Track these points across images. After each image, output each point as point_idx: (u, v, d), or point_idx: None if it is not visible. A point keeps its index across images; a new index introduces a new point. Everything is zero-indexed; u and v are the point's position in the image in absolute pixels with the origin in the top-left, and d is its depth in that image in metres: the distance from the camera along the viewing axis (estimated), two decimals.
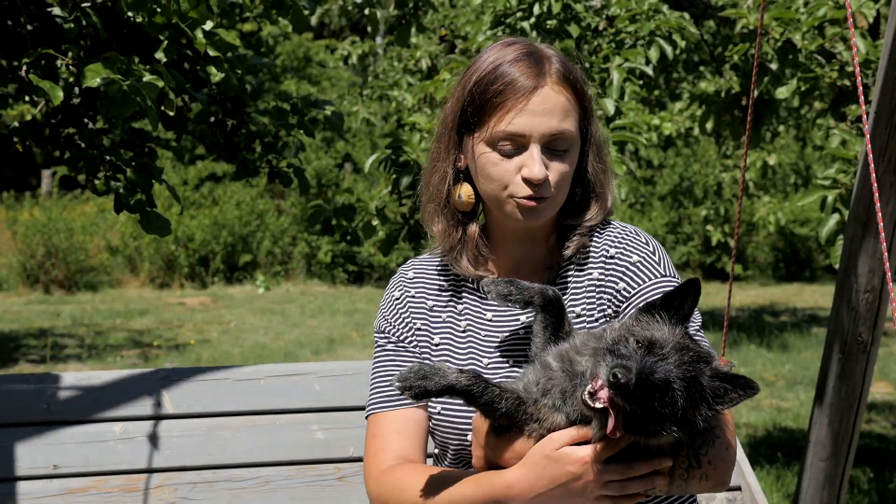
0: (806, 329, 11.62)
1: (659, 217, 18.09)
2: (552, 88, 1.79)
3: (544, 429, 1.65)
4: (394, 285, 2.00)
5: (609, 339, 1.59)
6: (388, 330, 1.95)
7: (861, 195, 3.00)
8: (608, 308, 1.86)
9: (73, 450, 2.33)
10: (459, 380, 1.61)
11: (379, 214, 4.37)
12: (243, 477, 2.39)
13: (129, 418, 2.38)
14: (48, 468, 2.31)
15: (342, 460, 2.44)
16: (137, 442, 2.36)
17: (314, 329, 11.52)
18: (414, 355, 1.92)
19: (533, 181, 1.77)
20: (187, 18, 3.04)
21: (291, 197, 18.11)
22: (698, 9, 6.12)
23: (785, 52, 4.54)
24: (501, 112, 1.77)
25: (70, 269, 15.26)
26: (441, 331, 1.93)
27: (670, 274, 1.86)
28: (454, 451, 1.88)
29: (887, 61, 2.80)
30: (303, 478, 2.41)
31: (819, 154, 14.64)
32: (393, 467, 1.82)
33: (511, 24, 4.74)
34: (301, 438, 2.43)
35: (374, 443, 1.87)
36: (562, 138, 1.80)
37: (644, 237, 1.90)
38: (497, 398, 1.64)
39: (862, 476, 5.82)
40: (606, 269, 1.87)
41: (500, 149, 1.79)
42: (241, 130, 4.03)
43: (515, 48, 1.83)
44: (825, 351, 3.22)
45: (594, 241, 1.90)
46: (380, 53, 16.34)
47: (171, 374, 2.45)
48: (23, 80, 3.17)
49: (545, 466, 1.62)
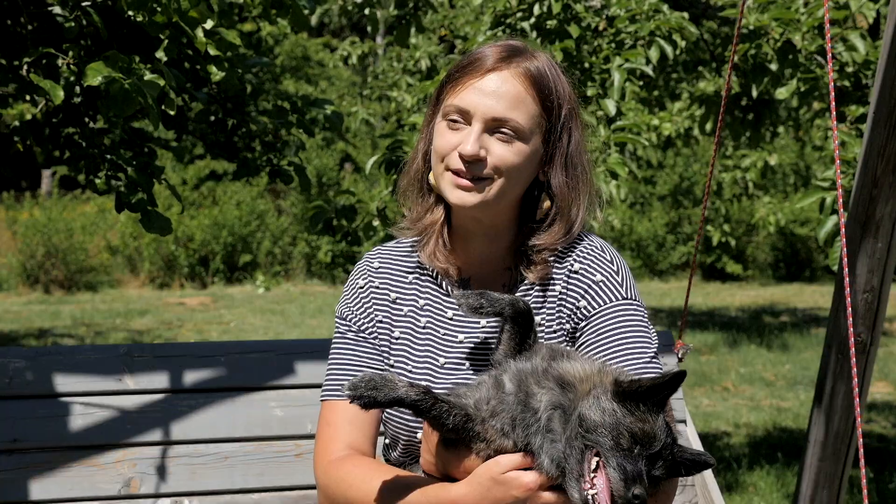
0: (806, 329, 11.62)
1: (659, 217, 18.09)
2: (511, 74, 1.80)
3: (491, 450, 1.66)
4: (359, 273, 2.00)
5: (596, 419, 1.56)
6: (350, 318, 1.96)
7: (860, 195, 3.00)
8: (567, 322, 1.87)
9: (34, 424, 2.35)
10: (409, 394, 1.63)
11: (379, 215, 4.37)
12: (202, 452, 2.41)
13: (90, 393, 2.40)
14: (8, 442, 2.33)
15: (300, 437, 2.47)
16: (98, 417, 2.38)
17: (314, 329, 11.52)
18: (373, 346, 1.93)
19: (463, 156, 1.79)
20: (188, 17, 3.04)
21: (291, 197, 18.10)
22: (698, 9, 6.12)
23: (785, 53, 4.54)
24: (459, 86, 1.81)
25: (70, 269, 15.26)
26: (401, 324, 1.94)
27: (632, 296, 1.86)
28: (404, 444, 1.91)
29: (887, 61, 2.80)
30: (261, 454, 2.44)
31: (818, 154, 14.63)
32: (342, 459, 1.85)
33: (511, 25, 4.74)
34: (260, 415, 2.46)
35: (327, 430, 1.90)
36: (507, 126, 1.80)
37: (610, 255, 1.89)
38: (445, 414, 1.65)
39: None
40: (569, 283, 1.87)
41: (448, 121, 1.82)
42: (241, 130, 4.03)
43: (508, 40, 1.87)
44: (825, 351, 3.23)
45: (560, 254, 1.90)
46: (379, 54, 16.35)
47: (132, 350, 2.47)
48: (23, 80, 3.17)
49: (490, 488, 1.64)
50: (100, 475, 2.34)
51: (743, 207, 16.86)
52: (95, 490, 2.33)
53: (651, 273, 17.90)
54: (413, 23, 5.69)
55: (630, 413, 1.57)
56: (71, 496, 2.32)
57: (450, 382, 1.87)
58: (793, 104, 4.68)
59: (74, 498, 2.33)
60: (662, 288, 16.22)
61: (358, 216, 4.37)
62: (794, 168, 17.44)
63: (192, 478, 2.38)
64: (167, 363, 2.47)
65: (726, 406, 7.71)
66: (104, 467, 2.35)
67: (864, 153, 2.92)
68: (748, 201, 14.96)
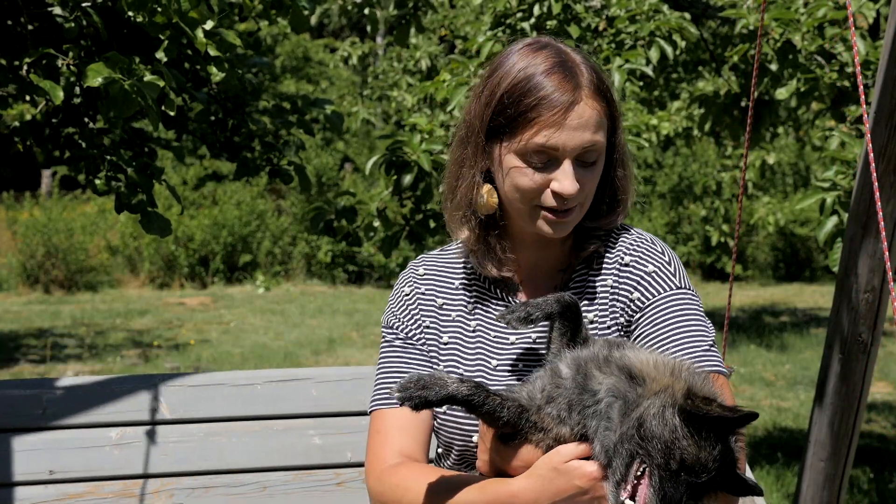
0: (806, 329, 11.62)
1: (659, 217, 18.09)
2: (587, 103, 1.76)
3: (550, 438, 1.63)
4: (404, 280, 1.98)
5: (656, 431, 1.51)
6: (396, 325, 1.94)
7: (861, 195, 3.00)
8: (621, 316, 1.85)
9: (70, 455, 2.32)
10: (460, 390, 1.59)
11: (380, 215, 4.37)
12: (241, 482, 2.38)
13: (126, 423, 2.37)
14: (44, 473, 2.29)
15: (341, 465, 2.43)
16: (134, 447, 2.35)
17: (314, 329, 11.52)
18: (421, 353, 1.91)
19: (564, 196, 1.75)
20: (188, 18, 3.04)
21: (291, 197, 18.10)
22: (698, 9, 6.12)
23: (785, 53, 4.53)
24: (537, 126, 1.74)
25: (70, 269, 15.26)
26: (450, 329, 1.91)
27: (685, 285, 1.84)
28: (458, 451, 1.87)
29: (887, 61, 2.80)
30: (301, 483, 2.40)
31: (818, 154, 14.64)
32: (396, 466, 1.81)
33: (511, 25, 4.74)
34: (299, 444, 2.43)
35: (377, 439, 1.86)
36: (592, 150, 1.77)
37: (660, 246, 1.88)
38: (499, 407, 1.62)
39: (862, 476, 5.82)
40: (620, 277, 1.86)
41: (530, 161, 1.76)
42: (241, 130, 4.03)
43: (546, 56, 1.79)
44: (825, 351, 3.23)
45: (609, 247, 1.89)
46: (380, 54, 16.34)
47: (167, 379, 2.44)
48: (23, 80, 3.17)
49: (552, 479, 1.60)
50: None
51: (743, 207, 16.85)
52: None
53: None
54: (413, 23, 5.69)
55: (690, 436, 1.52)
56: None
57: (503, 384, 1.84)
58: (792, 104, 4.67)
59: None
60: None
61: (358, 217, 4.37)
62: (793, 168, 17.44)
63: None
64: (203, 392, 2.43)
65: None
66: (141, 498, 2.33)
67: (864, 153, 2.92)
68: (748, 201, 14.95)
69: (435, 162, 3.97)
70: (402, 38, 5.82)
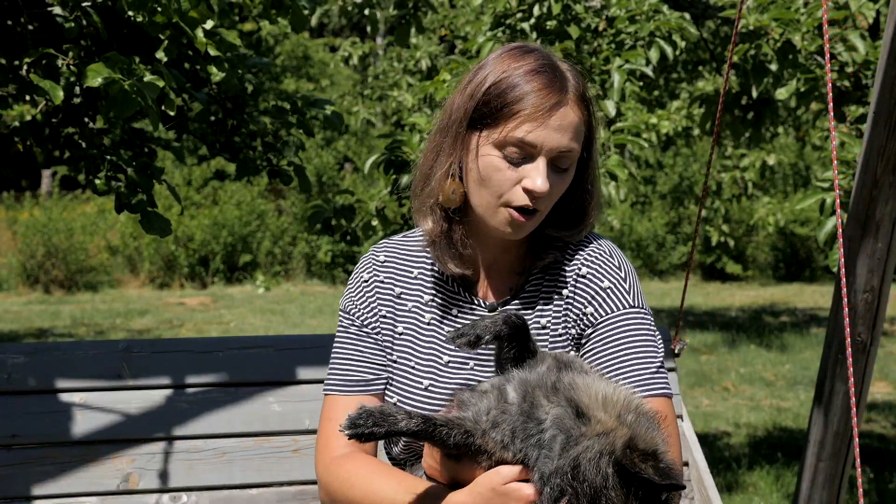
0: (806, 329, 11.63)
1: (659, 217, 18.09)
2: (571, 107, 1.78)
3: (493, 461, 1.65)
4: (363, 266, 1.99)
5: (588, 476, 1.54)
6: (353, 312, 1.95)
7: (860, 195, 3.00)
8: (573, 328, 1.87)
9: (33, 419, 2.35)
10: (409, 426, 1.62)
11: (379, 215, 4.38)
12: (200, 448, 2.42)
13: (89, 389, 2.41)
14: (7, 438, 2.33)
15: (298, 432, 2.47)
16: (96, 413, 2.39)
17: (314, 329, 11.53)
18: (376, 342, 1.93)
19: (534, 193, 1.77)
20: (188, 18, 3.04)
21: (291, 197, 18.10)
22: (698, 9, 6.12)
23: (785, 53, 4.54)
24: (520, 119, 1.76)
25: (70, 269, 15.26)
26: (405, 320, 1.93)
27: (639, 304, 1.86)
28: (406, 442, 1.90)
29: (886, 61, 2.80)
30: (259, 449, 2.45)
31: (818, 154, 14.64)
32: (344, 457, 1.84)
33: (511, 25, 4.74)
34: (258, 411, 2.47)
35: (328, 426, 1.89)
36: (567, 156, 1.79)
37: (617, 259, 1.89)
38: (446, 436, 1.65)
39: (862, 476, 5.83)
40: (576, 288, 1.87)
41: (507, 154, 1.77)
42: (241, 130, 4.03)
43: (535, 58, 1.82)
44: (825, 351, 3.23)
45: (567, 255, 1.90)
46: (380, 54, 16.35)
47: (131, 346, 2.48)
48: (23, 80, 3.17)
49: (490, 499, 1.63)
50: (98, 471, 2.36)
51: (742, 207, 16.85)
52: (94, 486, 2.35)
53: (651, 273, 17.90)
54: (413, 23, 5.69)
55: (620, 488, 1.54)
56: (69, 492, 2.34)
57: (454, 380, 1.86)
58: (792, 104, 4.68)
59: (73, 494, 2.34)
60: (662, 288, 16.22)
61: (357, 216, 4.38)
62: (793, 168, 17.44)
63: (190, 473, 2.40)
64: (166, 359, 2.48)
65: (726, 406, 7.71)
66: (103, 463, 2.37)
67: (864, 153, 2.92)
68: (748, 201, 14.96)
69: None
70: (401, 39, 5.82)
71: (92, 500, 2.35)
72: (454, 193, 1.84)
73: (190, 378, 2.46)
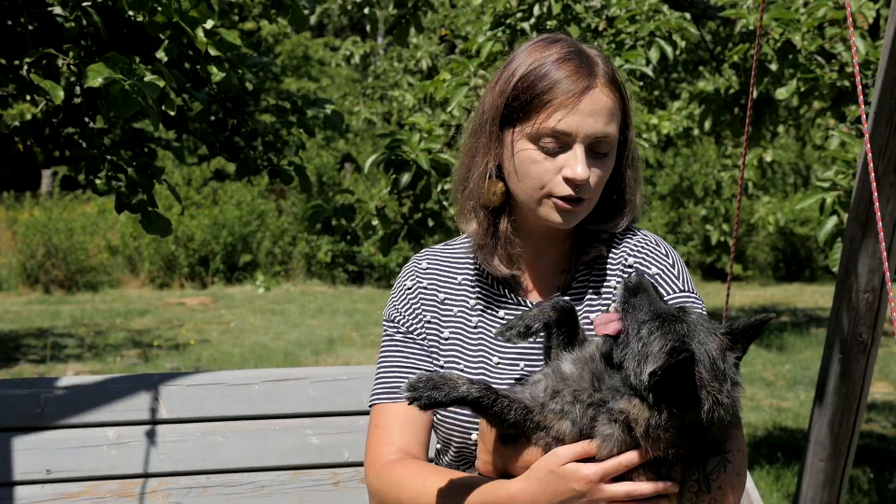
0: (806, 329, 11.62)
1: (659, 217, 18.09)
2: (601, 91, 1.77)
3: (551, 437, 1.63)
4: (406, 274, 1.97)
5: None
6: (398, 319, 1.94)
7: (861, 195, 3.00)
8: None
9: (67, 454, 2.32)
10: (470, 391, 1.59)
11: (379, 214, 4.38)
12: (238, 482, 2.38)
13: (123, 423, 2.37)
14: (41, 473, 2.29)
15: (337, 465, 2.43)
16: (131, 447, 2.35)
17: (314, 329, 11.52)
18: (422, 348, 1.90)
19: (576, 181, 1.75)
20: (188, 17, 3.04)
21: (291, 196, 18.10)
22: (698, 9, 6.12)
23: (785, 53, 4.53)
24: (550, 109, 1.74)
25: (70, 269, 15.25)
26: (451, 325, 1.91)
27: (688, 289, 1.84)
28: (457, 448, 1.87)
29: (887, 61, 2.80)
30: (298, 483, 2.41)
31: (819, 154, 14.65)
32: (394, 462, 1.81)
33: (511, 25, 4.74)
34: (296, 443, 2.43)
35: (377, 434, 1.86)
36: (605, 141, 1.78)
37: (664, 248, 1.88)
38: (506, 409, 1.62)
39: (862, 476, 5.82)
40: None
41: (542, 146, 1.76)
42: (241, 129, 4.03)
43: (561, 46, 1.81)
44: (825, 351, 3.23)
45: (614, 248, 1.89)
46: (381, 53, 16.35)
47: (165, 379, 2.44)
48: (24, 80, 3.17)
49: (549, 482, 1.60)
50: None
51: (742, 207, 16.85)
52: None
53: None
54: (412, 23, 5.69)
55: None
56: None
57: (505, 381, 1.84)
58: (793, 104, 4.68)
59: None
60: None
61: (357, 215, 4.38)
62: (793, 168, 17.44)
63: None
64: (200, 392, 2.43)
65: None
66: (139, 498, 2.33)
67: (864, 153, 2.92)
68: (748, 201, 14.95)
69: (433, 161, 3.97)
70: (401, 38, 5.82)
71: None
72: (494, 193, 1.83)
73: (224, 411, 2.42)
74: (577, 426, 1.61)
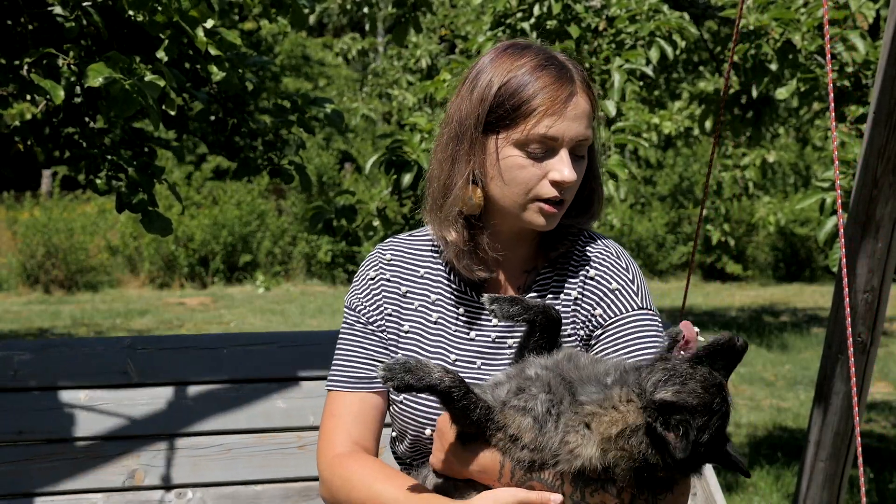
0: (806, 329, 11.63)
1: (659, 217, 18.08)
2: (581, 96, 1.81)
3: (508, 434, 1.64)
4: (370, 264, 1.99)
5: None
6: (359, 309, 1.95)
7: (861, 195, 3.00)
8: (581, 329, 1.88)
9: (38, 416, 2.36)
10: (443, 380, 1.60)
11: (380, 215, 4.38)
12: (205, 444, 2.42)
13: (94, 386, 2.42)
14: (13, 434, 2.34)
15: (302, 429, 2.47)
16: (102, 409, 2.40)
17: (314, 329, 11.53)
18: (381, 340, 1.93)
19: (564, 184, 1.79)
20: (188, 17, 3.04)
21: (292, 196, 18.10)
22: (698, 9, 6.12)
23: (785, 53, 4.54)
24: (538, 116, 1.77)
25: (70, 269, 15.25)
26: (412, 319, 1.93)
27: (647, 305, 1.88)
28: (411, 439, 1.90)
29: (887, 61, 2.80)
30: (264, 446, 2.45)
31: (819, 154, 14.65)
32: (347, 456, 1.84)
33: (511, 25, 4.74)
34: (262, 407, 2.47)
35: (331, 421, 1.89)
36: (584, 143, 1.82)
37: (624, 261, 1.91)
38: (472, 406, 1.63)
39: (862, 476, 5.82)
40: (585, 290, 1.88)
41: (529, 151, 1.79)
42: (241, 129, 4.03)
43: (534, 54, 1.83)
44: (825, 351, 3.23)
45: (576, 255, 1.91)
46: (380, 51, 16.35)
47: (135, 343, 2.49)
48: (24, 80, 3.17)
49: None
50: (104, 468, 2.36)
51: (743, 207, 16.86)
52: (99, 482, 2.35)
53: (651, 273, 17.89)
54: (411, 22, 5.69)
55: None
56: (75, 488, 2.34)
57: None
58: (793, 104, 4.68)
59: (79, 490, 2.34)
60: (662, 288, 16.22)
61: (358, 216, 4.38)
62: (793, 168, 17.44)
63: (195, 470, 2.40)
64: (170, 356, 2.48)
65: None
66: (108, 460, 2.37)
67: (864, 153, 2.93)
68: (748, 201, 14.96)
69: None
70: (399, 38, 5.82)
71: (97, 497, 2.35)
72: (471, 199, 1.84)
73: (194, 375, 2.47)
74: (538, 423, 1.62)
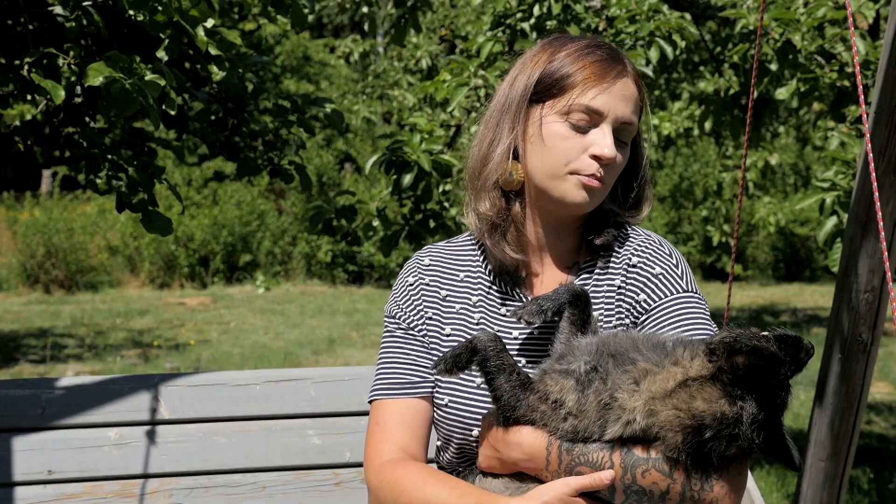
0: (806, 329, 11.62)
1: (659, 217, 18.09)
2: (631, 80, 1.82)
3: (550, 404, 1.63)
4: (408, 270, 1.98)
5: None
6: (399, 315, 1.94)
7: (861, 195, 3.00)
8: (626, 317, 1.86)
9: (68, 455, 2.31)
10: (480, 337, 1.69)
11: (380, 215, 4.38)
12: (239, 483, 2.38)
13: (125, 423, 2.37)
14: (43, 473, 2.29)
15: (339, 466, 2.43)
16: (133, 447, 2.35)
17: (314, 329, 11.53)
18: (422, 344, 1.91)
19: (603, 159, 1.77)
20: (189, 17, 3.04)
21: (292, 197, 18.10)
22: (698, 9, 6.12)
23: (784, 53, 4.53)
24: (585, 86, 1.77)
25: (70, 269, 15.26)
26: (453, 321, 1.91)
27: (692, 289, 1.85)
28: (457, 444, 1.87)
29: (887, 61, 2.80)
30: (300, 483, 2.40)
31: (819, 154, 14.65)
32: (394, 462, 1.81)
33: (511, 25, 4.74)
34: (297, 444, 2.42)
35: (377, 431, 1.86)
36: (629, 129, 1.82)
37: (668, 248, 1.90)
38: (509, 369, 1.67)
39: (862, 476, 5.82)
40: (628, 278, 1.86)
41: (573, 122, 1.78)
42: (241, 129, 4.03)
43: (588, 41, 1.86)
44: (825, 351, 3.23)
45: (617, 248, 1.89)
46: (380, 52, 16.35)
47: (166, 379, 2.44)
48: (24, 80, 3.17)
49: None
50: None
51: (743, 207, 16.86)
52: None
53: None
54: (410, 23, 5.69)
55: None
56: None
57: None
58: (793, 105, 4.67)
59: None
60: None
61: (358, 216, 4.38)
62: (794, 168, 17.44)
63: None
64: (202, 392, 2.43)
65: None
66: (140, 498, 2.33)
67: (864, 153, 2.92)
68: (748, 201, 14.96)
69: (435, 162, 3.98)
70: (399, 38, 5.82)
71: None
72: (513, 174, 1.84)
73: (227, 411, 2.42)
74: (580, 384, 1.61)
